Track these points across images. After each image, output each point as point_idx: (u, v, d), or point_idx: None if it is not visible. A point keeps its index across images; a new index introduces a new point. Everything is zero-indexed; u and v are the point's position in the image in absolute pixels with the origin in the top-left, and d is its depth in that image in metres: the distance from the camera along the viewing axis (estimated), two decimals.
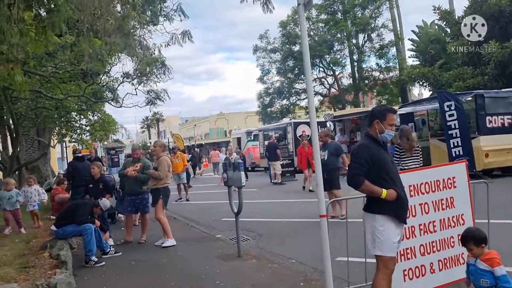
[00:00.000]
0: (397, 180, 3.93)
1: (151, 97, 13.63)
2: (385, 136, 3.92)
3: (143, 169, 8.30)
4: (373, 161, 3.84)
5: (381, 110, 4.05)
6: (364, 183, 3.80)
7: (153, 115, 76.54)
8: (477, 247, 3.55)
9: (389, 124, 3.91)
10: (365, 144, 4.01)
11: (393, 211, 3.84)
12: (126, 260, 7.03)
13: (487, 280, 3.43)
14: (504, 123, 13.71)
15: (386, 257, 3.82)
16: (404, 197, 3.92)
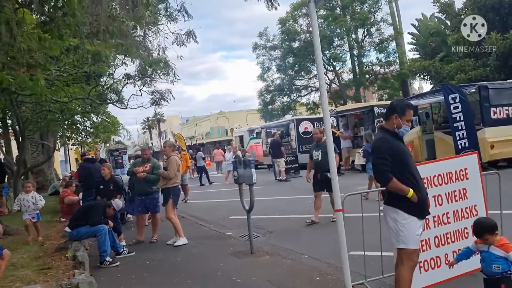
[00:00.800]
0: (416, 173, 3.98)
1: (155, 97, 13.65)
2: (402, 131, 3.97)
3: (153, 169, 8.37)
4: (394, 155, 3.87)
5: (402, 105, 4.04)
6: (392, 180, 3.83)
7: (154, 116, 76.64)
8: (492, 235, 3.61)
9: (407, 119, 3.95)
10: (385, 138, 4.01)
11: (415, 209, 3.90)
12: (140, 259, 7.09)
13: (499, 266, 3.51)
14: (508, 114, 13.73)
15: (410, 249, 3.88)
16: (425, 196, 3.98)
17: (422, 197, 3.90)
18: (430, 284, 4.55)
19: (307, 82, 37.68)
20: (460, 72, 21.32)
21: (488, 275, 3.60)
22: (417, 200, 3.83)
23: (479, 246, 3.74)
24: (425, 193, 3.99)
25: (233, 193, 15.14)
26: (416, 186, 3.88)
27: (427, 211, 4.05)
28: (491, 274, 3.57)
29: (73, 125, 16.18)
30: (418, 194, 3.86)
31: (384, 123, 4.13)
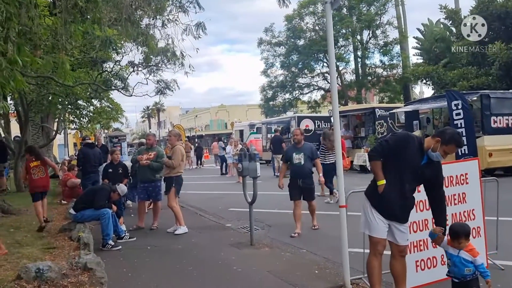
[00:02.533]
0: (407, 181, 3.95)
1: (160, 86, 13.73)
2: (431, 154, 3.90)
3: (157, 157, 8.50)
4: (399, 153, 3.93)
5: (451, 136, 3.87)
6: (375, 160, 4.00)
7: (154, 105, 76.56)
8: (466, 241, 3.80)
9: (444, 150, 3.87)
10: (411, 137, 4.05)
11: (376, 203, 4.03)
12: (142, 245, 7.23)
13: (471, 269, 3.75)
14: (508, 124, 13.94)
15: (375, 238, 4.04)
16: (394, 201, 3.96)
17: (388, 199, 3.94)
18: (426, 283, 4.70)
19: (309, 80, 37.80)
20: (462, 80, 21.44)
21: (459, 278, 3.80)
22: (381, 191, 3.93)
23: (450, 251, 3.87)
24: (393, 196, 3.95)
25: (232, 186, 15.37)
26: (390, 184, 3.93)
27: (392, 216, 4.01)
28: (462, 277, 3.78)
29: (77, 109, 16.28)
30: (387, 193, 3.92)
31: (430, 136, 4.07)
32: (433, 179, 4.05)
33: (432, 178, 4.03)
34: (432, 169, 3.99)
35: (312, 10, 33.95)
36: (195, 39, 7.61)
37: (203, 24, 9.96)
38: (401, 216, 4.05)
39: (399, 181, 3.95)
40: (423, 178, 4.03)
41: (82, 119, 17.45)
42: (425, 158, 3.95)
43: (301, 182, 7.59)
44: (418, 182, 4.09)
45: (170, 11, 7.36)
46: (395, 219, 4.03)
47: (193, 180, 18.84)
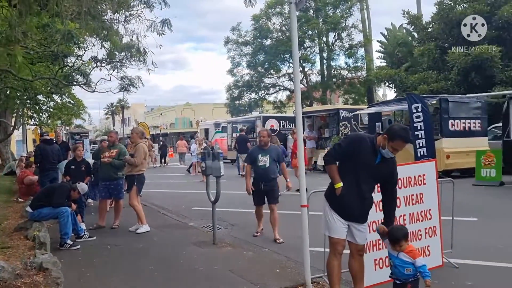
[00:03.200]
0: (364, 184, 4.03)
1: (124, 83, 13.50)
2: (382, 151, 3.97)
3: (119, 155, 8.33)
4: (353, 154, 4.02)
5: (395, 132, 3.93)
6: (331, 165, 4.12)
7: (119, 102, 75.06)
8: (406, 242, 3.85)
9: (392, 146, 3.92)
10: (363, 138, 4.14)
11: (334, 205, 4.11)
12: (101, 244, 7.08)
13: (411, 269, 3.78)
14: (465, 127, 14.51)
15: (333, 238, 4.12)
16: (351, 203, 4.04)
17: (347, 200, 4.02)
18: (384, 281, 4.80)
19: (275, 81, 38.01)
20: (423, 83, 22.08)
21: (400, 280, 3.84)
22: (339, 196, 4.01)
23: (391, 252, 3.94)
24: (350, 196, 4.02)
25: (197, 185, 15.26)
26: (347, 185, 4.01)
27: (351, 217, 4.09)
28: (404, 278, 3.81)
29: (36, 104, 15.77)
30: (345, 195, 4.00)
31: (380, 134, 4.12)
32: (388, 177, 4.12)
33: (387, 176, 4.11)
34: (387, 167, 4.06)
35: (279, 11, 34.16)
36: (159, 36, 7.47)
37: (169, 21, 9.83)
38: (360, 217, 4.12)
39: (355, 182, 4.03)
40: (379, 177, 4.10)
41: (41, 115, 16.92)
42: (378, 156, 4.01)
43: (263, 185, 7.22)
44: (375, 181, 4.15)
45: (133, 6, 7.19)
46: (354, 219, 4.10)
47: (157, 178, 18.60)
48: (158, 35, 7.32)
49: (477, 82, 19.90)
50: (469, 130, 14.66)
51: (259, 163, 7.26)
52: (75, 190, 7.27)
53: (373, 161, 4.01)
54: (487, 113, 15.50)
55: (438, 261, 5.29)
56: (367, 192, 4.10)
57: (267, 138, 7.32)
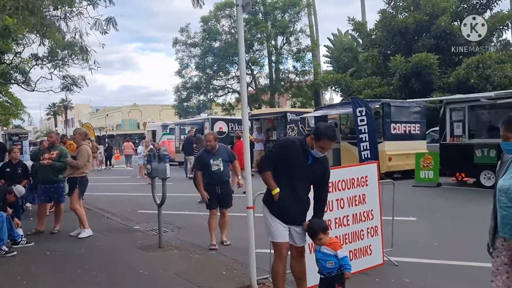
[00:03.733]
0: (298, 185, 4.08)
1: (67, 82, 13.01)
2: (312, 152, 4.02)
3: (60, 157, 8.00)
4: (285, 158, 4.08)
5: (320, 131, 3.99)
6: (265, 172, 4.14)
7: (61, 102, 72.20)
8: (325, 235, 3.91)
9: (319, 146, 3.96)
10: (292, 141, 4.25)
11: (273, 210, 4.14)
12: (40, 250, 6.76)
13: (333, 262, 3.80)
14: (406, 131, 15.16)
15: (277, 243, 4.15)
16: (289, 207, 4.06)
17: (285, 205, 4.05)
18: None
19: (224, 83, 38.02)
20: (367, 88, 22.84)
21: (325, 274, 3.83)
22: (277, 201, 4.05)
23: (315, 246, 3.99)
24: (286, 200, 4.05)
25: (144, 188, 14.93)
26: (282, 189, 4.06)
27: (291, 220, 4.10)
28: (327, 272, 3.81)
29: None
30: (282, 200, 4.04)
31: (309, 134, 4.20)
32: (321, 177, 4.19)
33: (320, 175, 4.17)
34: (319, 167, 4.13)
35: (228, 13, 34.22)
36: (102, 35, 7.25)
37: (114, 20, 9.61)
38: (299, 219, 4.14)
39: (291, 185, 4.07)
40: (312, 177, 4.15)
41: None
42: (309, 157, 4.05)
43: (220, 189, 6.91)
44: (309, 182, 4.18)
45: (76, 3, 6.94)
46: (294, 222, 4.13)
47: (102, 181, 18.06)
48: (101, 34, 7.08)
49: (416, 88, 20.84)
50: (409, 133, 15.34)
51: (213, 168, 6.91)
52: (11, 193, 6.91)
53: (305, 162, 4.05)
54: (425, 118, 16.29)
55: (379, 260, 5.47)
56: (303, 193, 4.14)
57: (213, 143, 6.92)
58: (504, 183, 3.03)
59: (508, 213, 2.99)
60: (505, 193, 3.00)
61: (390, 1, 24.24)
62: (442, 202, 10.80)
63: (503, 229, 3.05)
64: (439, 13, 21.90)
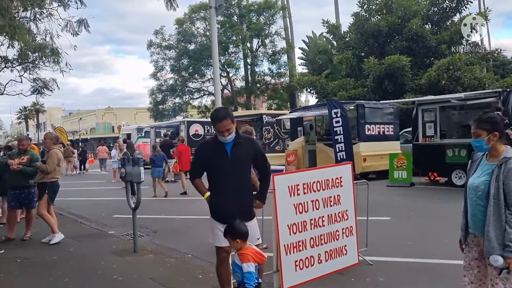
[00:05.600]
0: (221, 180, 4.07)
1: (37, 85, 12.72)
2: (221, 139, 4.00)
3: (31, 161, 7.81)
4: (204, 157, 4.15)
5: (210, 117, 4.11)
6: (194, 180, 4.21)
7: (33, 106, 70.57)
8: (233, 241, 3.63)
9: (217, 131, 3.99)
10: (205, 141, 4.38)
11: (212, 213, 4.16)
12: (10, 258, 6.57)
13: (239, 274, 3.54)
14: (380, 132, 15.40)
15: (216, 246, 4.18)
16: (220, 202, 4.06)
17: (214, 202, 4.09)
18: (304, 281, 4.92)
19: (200, 85, 37.86)
20: (342, 90, 23.09)
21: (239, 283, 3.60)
22: (212, 203, 4.10)
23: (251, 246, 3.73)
24: (221, 199, 4.05)
25: (118, 192, 14.71)
26: (214, 190, 4.11)
27: (225, 216, 3.98)
28: (238, 282, 3.59)
29: None
30: (212, 198, 4.09)
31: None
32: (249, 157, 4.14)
33: (247, 156, 4.12)
34: (242, 149, 4.06)
35: (203, 15, 34.10)
36: (74, 36, 7.12)
37: (86, 21, 9.46)
38: (240, 214, 3.96)
39: (223, 183, 4.06)
40: (240, 162, 4.08)
41: None
42: (227, 148, 4.03)
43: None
44: (241, 171, 4.12)
45: (46, 4, 6.79)
46: (234, 218, 3.89)
47: (76, 186, 17.73)
48: (73, 36, 6.94)
49: (390, 89, 21.18)
50: (383, 134, 15.58)
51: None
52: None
53: (225, 153, 4.03)
54: (399, 119, 16.59)
55: (355, 260, 5.51)
56: (239, 186, 4.07)
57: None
58: (474, 181, 3.14)
59: (477, 210, 3.10)
60: (474, 191, 3.11)
61: (363, 4, 24.60)
62: (415, 202, 11.00)
63: (473, 225, 3.16)
64: (410, 16, 22.33)
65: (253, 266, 3.48)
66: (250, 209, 4.16)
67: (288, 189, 4.77)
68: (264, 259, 3.69)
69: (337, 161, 11.91)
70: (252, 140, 4.37)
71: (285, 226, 4.72)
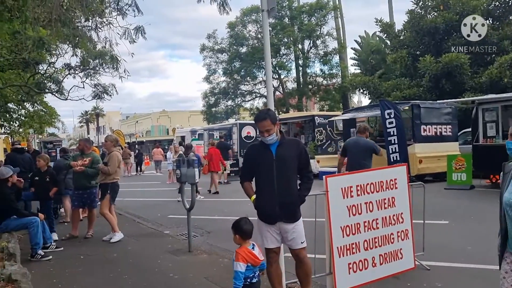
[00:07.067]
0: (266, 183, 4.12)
1: (98, 91, 13.35)
2: (264, 140, 4.13)
3: (92, 163, 8.21)
4: (251, 161, 4.29)
5: (254, 119, 4.28)
6: (243, 184, 4.33)
7: (93, 110, 74.02)
8: (234, 235, 3.81)
9: (259, 132, 4.15)
10: (252, 145, 4.49)
11: (259, 215, 4.23)
12: (74, 254, 6.94)
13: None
14: (436, 132, 14.85)
15: (265, 248, 4.21)
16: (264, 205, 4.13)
17: (259, 205, 4.17)
18: (358, 285, 4.86)
19: (252, 88, 38.20)
20: (396, 90, 22.52)
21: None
22: (259, 205, 4.16)
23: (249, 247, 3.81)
24: (265, 200, 4.12)
25: (173, 193, 15.13)
26: (259, 192, 4.19)
27: (273, 218, 4.11)
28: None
29: (6, 112, 15.42)
30: (257, 199, 4.16)
31: None
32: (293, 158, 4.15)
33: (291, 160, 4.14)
34: (285, 150, 4.13)
35: (255, 18, 34.39)
36: (131, 44, 7.41)
37: (143, 28, 9.78)
38: (284, 213, 4.07)
39: (270, 184, 4.08)
40: (284, 163, 4.10)
41: (12, 123, 16.53)
42: (272, 149, 4.11)
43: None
44: (287, 170, 4.13)
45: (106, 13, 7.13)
46: (280, 219, 4.07)
47: (133, 187, 18.40)
48: (130, 43, 7.24)
49: (447, 88, 20.41)
50: (441, 135, 15.01)
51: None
52: (7, 180, 6.86)
53: (270, 155, 4.11)
54: (457, 119, 15.92)
55: (411, 264, 5.37)
56: (285, 185, 4.09)
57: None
58: (510, 196, 2.62)
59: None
60: (510, 207, 2.61)
61: (419, 1, 23.87)
62: (475, 205, 10.53)
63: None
64: (469, 12, 21.39)
65: (243, 266, 3.64)
66: (294, 211, 4.16)
67: (341, 191, 4.73)
68: (257, 261, 3.79)
69: (390, 162, 11.62)
70: (297, 141, 4.44)
71: (338, 228, 4.68)
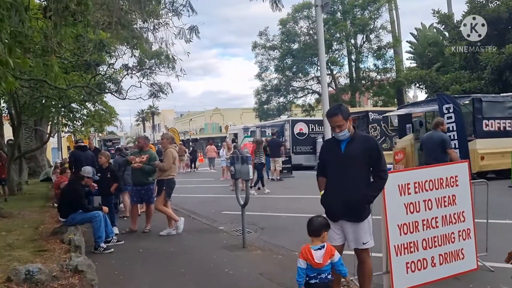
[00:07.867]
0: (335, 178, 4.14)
1: (154, 90, 13.77)
2: (336, 136, 4.10)
3: (149, 160, 8.48)
4: (325, 157, 4.34)
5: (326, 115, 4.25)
6: (318, 178, 4.37)
7: (149, 108, 76.42)
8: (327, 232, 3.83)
9: (330, 126, 4.11)
10: (327, 140, 4.53)
11: (326, 212, 4.17)
12: (134, 248, 7.22)
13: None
14: (500, 127, 14.08)
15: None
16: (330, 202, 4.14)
17: (324, 201, 4.20)
18: (416, 285, 4.72)
19: (304, 84, 37.98)
20: (455, 83, 21.60)
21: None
22: (325, 200, 4.19)
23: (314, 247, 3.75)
24: (330, 197, 4.14)
25: (226, 189, 15.37)
26: (327, 188, 4.21)
27: (334, 216, 4.11)
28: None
29: (70, 112, 16.23)
30: (324, 195, 4.20)
31: None
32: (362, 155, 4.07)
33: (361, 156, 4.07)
34: (356, 147, 4.08)
35: (306, 14, 34.15)
36: (186, 43, 7.59)
37: (197, 28, 9.98)
38: (347, 213, 4.04)
39: (339, 179, 4.09)
40: (354, 161, 4.05)
41: (75, 122, 17.40)
42: (341, 143, 4.10)
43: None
44: (355, 167, 4.06)
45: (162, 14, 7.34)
46: (341, 216, 4.07)
47: (187, 183, 18.82)
48: (186, 42, 7.41)
49: (511, 80, 19.33)
50: (505, 130, 14.22)
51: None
52: (83, 178, 7.34)
53: (339, 150, 4.11)
54: None
55: (473, 265, 5.15)
56: (350, 182, 4.03)
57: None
58: None
59: None
60: None
61: None
62: None
63: None
64: None
65: (302, 263, 3.75)
66: (358, 210, 4.07)
67: (398, 188, 4.61)
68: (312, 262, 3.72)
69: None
70: (368, 138, 4.35)
71: (395, 226, 4.57)
